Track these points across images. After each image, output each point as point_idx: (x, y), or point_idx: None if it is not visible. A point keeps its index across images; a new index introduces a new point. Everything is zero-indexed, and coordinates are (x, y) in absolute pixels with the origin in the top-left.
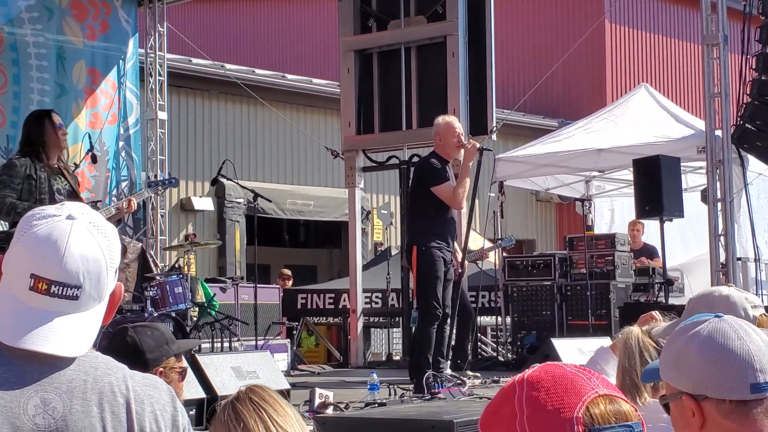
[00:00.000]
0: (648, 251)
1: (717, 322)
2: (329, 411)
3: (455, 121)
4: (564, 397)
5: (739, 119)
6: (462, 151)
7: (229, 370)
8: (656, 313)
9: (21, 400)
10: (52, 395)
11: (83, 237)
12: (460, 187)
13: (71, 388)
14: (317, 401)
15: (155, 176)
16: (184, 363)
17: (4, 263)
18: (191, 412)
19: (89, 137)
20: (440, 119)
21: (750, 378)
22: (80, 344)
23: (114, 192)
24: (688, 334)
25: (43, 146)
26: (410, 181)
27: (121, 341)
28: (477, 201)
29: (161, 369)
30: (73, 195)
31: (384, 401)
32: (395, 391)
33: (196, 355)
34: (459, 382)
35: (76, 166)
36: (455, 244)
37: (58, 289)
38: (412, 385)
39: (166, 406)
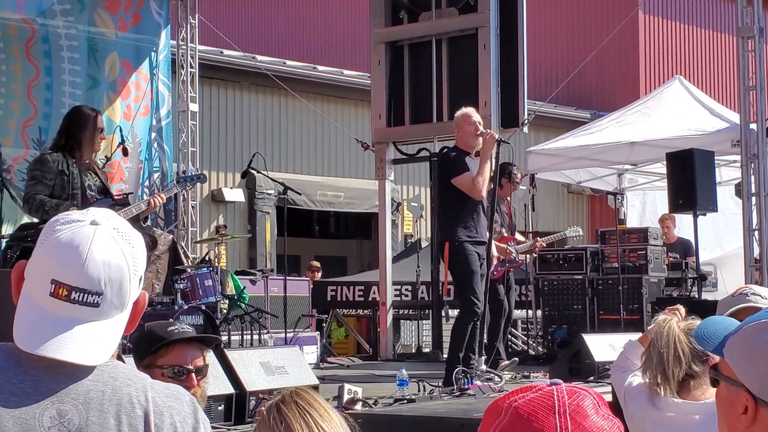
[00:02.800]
0: (683, 245)
1: None
2: (358, 407)
3: (472, 111)
4: None
5: None
6: (481, 140)
7: (258, 365)
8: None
9: (37, 412)
10: (69, 406)
11: (106, 243)
12: (479, 176)
13: (88, 399)
14: (346, 397)
15: (184, 172)
16: (201, 361)
17: (27, 269)
18: (220, 408)
19: (120, 130)
20: (458, 111)
21: None
22: (100, 353)
23: (146, 183)
24: None
25: (80, 143)
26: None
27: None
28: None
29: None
30: (104, 191)
31: (413, 397)
32: (424, 387)
33: (225, 350)
34: (489, 377)
35: (108, 159)
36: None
37: (78, 296)
38: (441, 380)
39: (187, 417)
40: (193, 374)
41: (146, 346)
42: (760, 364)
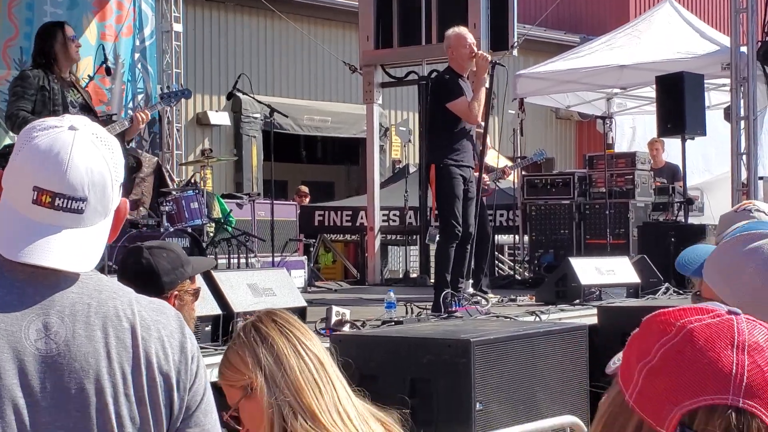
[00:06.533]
0: (671, 170)
1: None
2: (346, 329)
3: (465, 32)
4: (696, 378)
5: (764, 35)
6: (475, 62)
7: (245, 287)
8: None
9: (22, 324)
10: (55, 319)
11: (87, 148)
12: (475, 101)
13: (74, 311)
14: (334, 319)
15: (168, 87)
16: (198, 283)
17: (4, 177)
18: (207, 329)
19: (103, 49)
20: (450, 31)
21: None
22: (84, 260)
23: (130, 105)
24: (747, 246)
25: (56, 58)
26: (428, 99)
27: (136, 263)
28: (495, 118)
29: (176, 292)
30: (86, 108)
31: (401, 320)
32: (412, 309)
33: (212, 271)
34: (476, 300)
35: (90, 78)
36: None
37: (62, 202)
38: (428, 304)
39: (174, 332)
40: None
41: (183, 268)
42: (735, 280)
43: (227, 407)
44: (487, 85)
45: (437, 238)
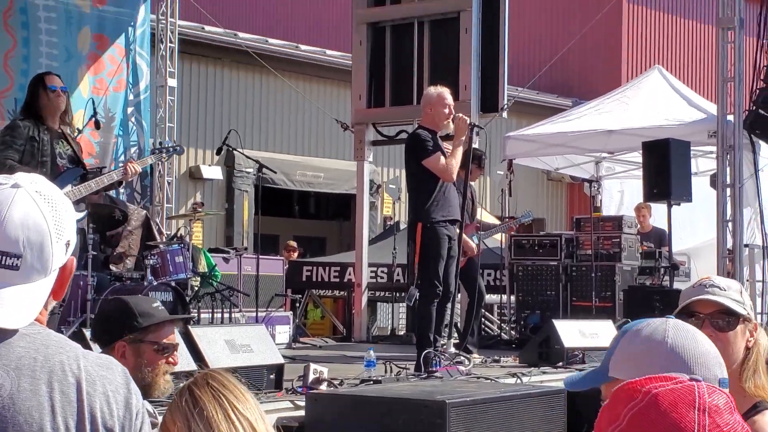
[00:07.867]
0: (658, 235)
1: (673, 323)
2: (323, 387)
3: (446, 92)
4: None
5: (752, 105)
6: (452, 123)
7: (223, 343)
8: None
9: None
10: (0, 372)
11: (26, 205)
12: (452, 159)
13: (20, 365)
14: (311, 377)
15: (161, 143)
16: (175, 340)
17: None
18: (181, 385)
19: (93, 103)
20: (432, 89)
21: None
22: (20, 316)
23: (121, 158)
24: (656, 338)
25: (39, 109)
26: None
27: (97, 312)
28: (486, 179)
29: (124, 343)
30: (75, 160)
31: (379, 378)
32: (391, 368)
33: (190, 327)
34: (458, 360)
35: (79, 131)
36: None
37: None
38: (410, 363)
39: (119, 387)
40: (175, 351)
41: (131, 320)
42: (643, 363)
43: None
44: (465, 146)
45: (416, 298)
